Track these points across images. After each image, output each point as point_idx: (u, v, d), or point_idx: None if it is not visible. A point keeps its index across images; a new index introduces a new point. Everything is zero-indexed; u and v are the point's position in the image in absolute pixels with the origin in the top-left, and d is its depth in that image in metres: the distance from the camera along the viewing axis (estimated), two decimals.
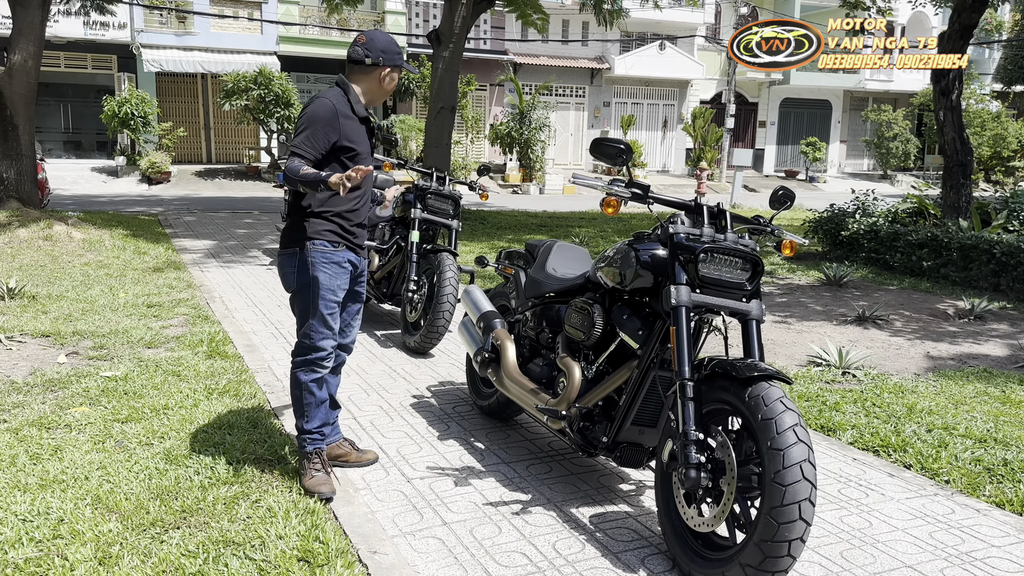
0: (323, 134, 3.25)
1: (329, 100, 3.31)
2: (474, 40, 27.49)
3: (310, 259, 3.32)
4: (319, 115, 3.26)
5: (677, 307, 2.85)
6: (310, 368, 3.39)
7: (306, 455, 3.43)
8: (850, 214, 10.50)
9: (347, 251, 3.40)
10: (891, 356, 6.06)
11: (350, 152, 3.34)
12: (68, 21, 23.02)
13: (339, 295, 3.40)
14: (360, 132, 3.40)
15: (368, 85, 3.43)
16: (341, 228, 3.38)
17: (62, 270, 8.29)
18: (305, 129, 3.26)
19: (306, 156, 3.22)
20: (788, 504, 2.41)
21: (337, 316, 3.42)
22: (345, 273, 3.40)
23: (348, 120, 3.33)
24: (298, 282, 3.36)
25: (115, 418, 4.12)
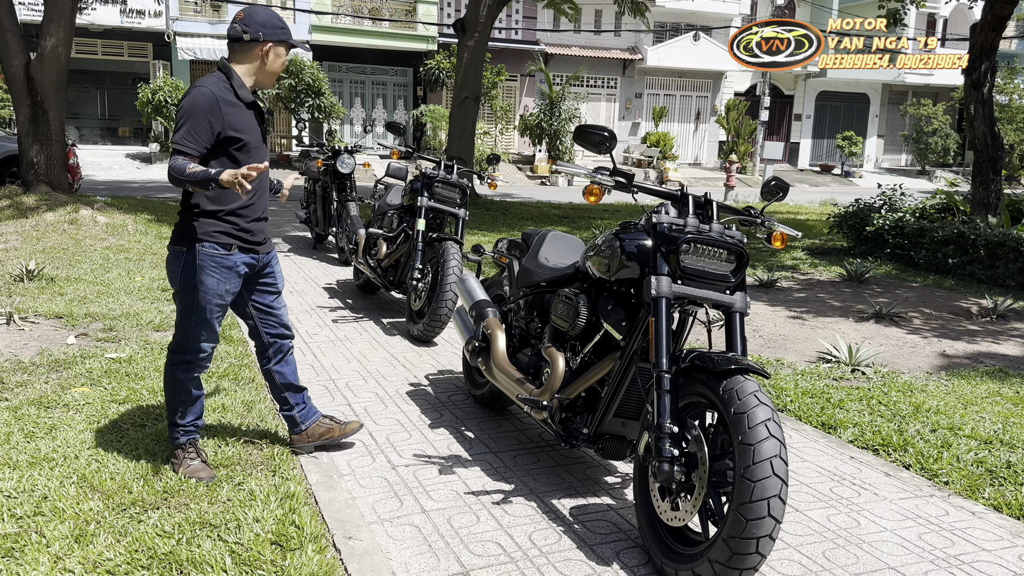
0: (204, 126, 3.02)
1: (207, 88, 3.06)
2: (505, 30, 27.46)
3: (198, 261, 3.15)
4: (197, 105, 3.02)
5: (657, 298, 2.80)
6: (188, 367, 3.30)
7: (180, 447, 3.36)
8: (876, 209, 10.30)
9: (241, 254, 3.22)
10: (905, 354, 5.93)
11: (237, 143, 3.12)
12: (105, 9, 23.38)
13: (227, 299, 3.25)
14: (247, 119, 3.17)
15: (251, 65, 3.19)
16: (235, 227, 3.19)
17: (83, 253, 8.42)
18: (184, 123, 3.01)
19: (189, 152, 3.00)
20: (757, 500, 2.36)
21: (221, 318, 3.29)
22: (235, 277, 3.23)
23: (232, 107, 3.10)
24: (182, 283, 3.19)
25: (113, 399, 4.17)
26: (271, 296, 3.45)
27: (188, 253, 3.16)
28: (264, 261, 3.38)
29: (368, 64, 26.94)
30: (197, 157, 3.03)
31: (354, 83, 27.14)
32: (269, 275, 3.43)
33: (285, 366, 3.55)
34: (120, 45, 24.71)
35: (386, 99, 27.49)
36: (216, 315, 3.24)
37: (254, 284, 3.40)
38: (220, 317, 3.28)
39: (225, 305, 3.27)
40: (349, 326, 6.02)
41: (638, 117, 30.51)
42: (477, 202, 14.37)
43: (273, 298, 3.46)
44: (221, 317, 3.29)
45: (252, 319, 3.47)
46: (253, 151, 3.19)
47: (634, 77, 30.17)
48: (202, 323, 3.23)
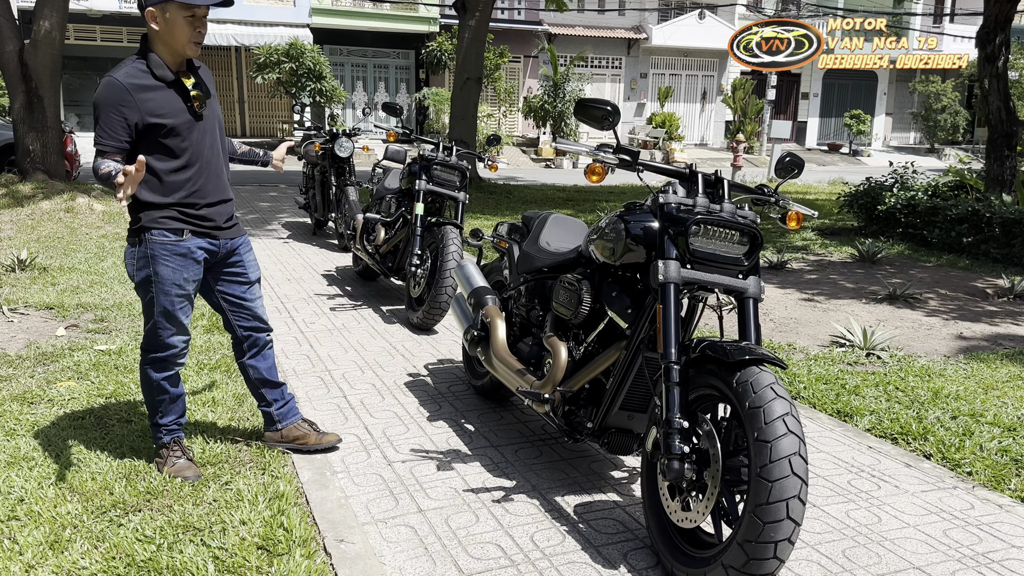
0: (117, 119, 2.80)
1: (115, 77, 2.81)
2: (508, 11, 27.10)
3: (149, 251, 2.94)
4: (106, 99, 2.80)
5: (665, 284, 2.62)
6: (161, 366, 3.12)
7: (164, 446, 3.21)
8: (887, 188, 10.06)
9: (195, 238, 3.00)
10: (921, 337, 5.74)
11: (162, 130, 2.87)
12: None
13: (188, 288, 3.03)
14: (170, 101, 2.89)
15: (156, 39, 2.87)
16: (183, 214, 2.97)
17: (78, 242, 8.27)
18: (97, 119, 2.82)
19: (107, 150, 2.80)
20: (774, 502, 2.19)
21: (188, 310, 3.08)
22: (193, 264, 3.01)
23: (149, 92, 2.84)
24: (138, 277, 3.01)
25: (99, 393, 4.02)
26: (241, 287, 3.23)
27: (140, 245, 2.97)
28: (227, 248, 3.14)
29: (369, 47, 26.63)
30: (119, 153, 2.82)
31: (355, 66, 26.86)
32: (237, 264, 3.20)
33: (261, 360, 3.36)
34: (119, 31, 24.46)
35: (388, 82, 27.20)
36: (179, 306, 3.04)
37: (220, 273, 3.19)
38: (185, 309, 3.07)
39: (187, 295, 3.05)
40: (347, 314, 5.85)
41: (643, 97, 30.16)
42: (479, 185, 14.16)
43: (244, 289, 3.24)
44: (187, 309, 3.08)
45: (223, 311, 3.27)
46: (184, 133, 2.93)
47: (639, 57, 29.79)
48: (165, 317, 3.03)
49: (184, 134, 2.93)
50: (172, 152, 2.92)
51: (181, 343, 3.12)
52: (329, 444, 3.45)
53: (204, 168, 3.02)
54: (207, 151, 3.03)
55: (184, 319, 3.08)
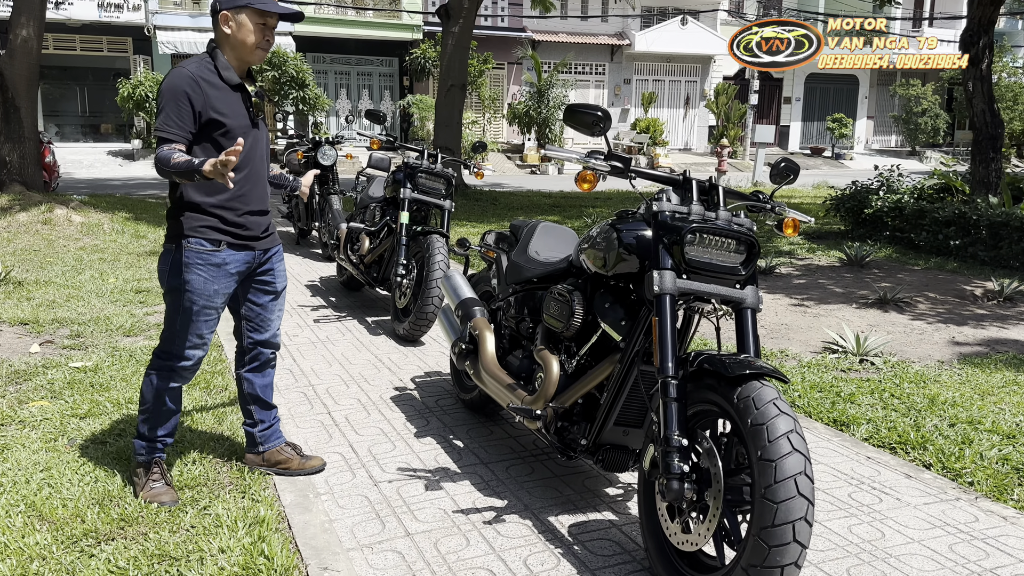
0: (185, 106, 2.77)
1: (186, 68, 2.82)
2: (491, 17, 27.05)
3: (184, 259, 2.89)
4: (175, 86, 2.78)
5: (660, 295, 2.52)
6: (170, 375, 3.01)
7: (143, 464, 3.06)
8: (874, 191, 10.04)
9: (231, 251, 2.94)
10: (913, 342, 5.67)
11: (220, 127, 2.85)
12: (83, 3, 22.94)
13: (217, 300, 2.96)
14: (233, 102, 2.90)
15: (225, 43, 2.89)
16: (223, 222, 2.92)
17: (56, 255, 8.09)
18: (163, 106, 2.78)
19: (173, 137, 2.77)
20: (780, 524, 2.09)
21: (212, 324, 3.00)
22: (226, 277, 2.96)
23: (214, 89, 2.84)
24: (169, 282, 2.94)
25: (74, 413, 3.87)
26: (266, 296, 3.16)
27: (176, 251, 2.92)
28: (262, 259, 3.10)
29: (353, 55, 26.51)
30: (183, 142, 2.80)
31: (339, 74, 26.72)
32: (268, 272, 3.14)
33: (259, 376, 3.25)
34: (99, 40, 24.21)
35: (372, 90, 27.07)
36: (204, 319, 2.95)
37: (250, 281, 3.12)
38: (210, 322, 2.98)
39: (215, 308, 2.97)
40: (331, 326, 5.72)
41: (627, 103, 30.16)
42: (465, 192, 14.05)
43: (268, 299, 3.17)
44: (211, 323, 2.99)
45: (238, 316, 3.18)
46: (240, 135, 2.89)
47: (622, 63, 29.81)
48: (188, 326, 2.95)
49: (239, 137, 2.86)
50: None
51: (196, 357, 3.02)
52: (312, 469, 3.31)
53: (252, 175, 3.00)
54: (256, 160, 3.03)
55: (206, 332, 3.00)
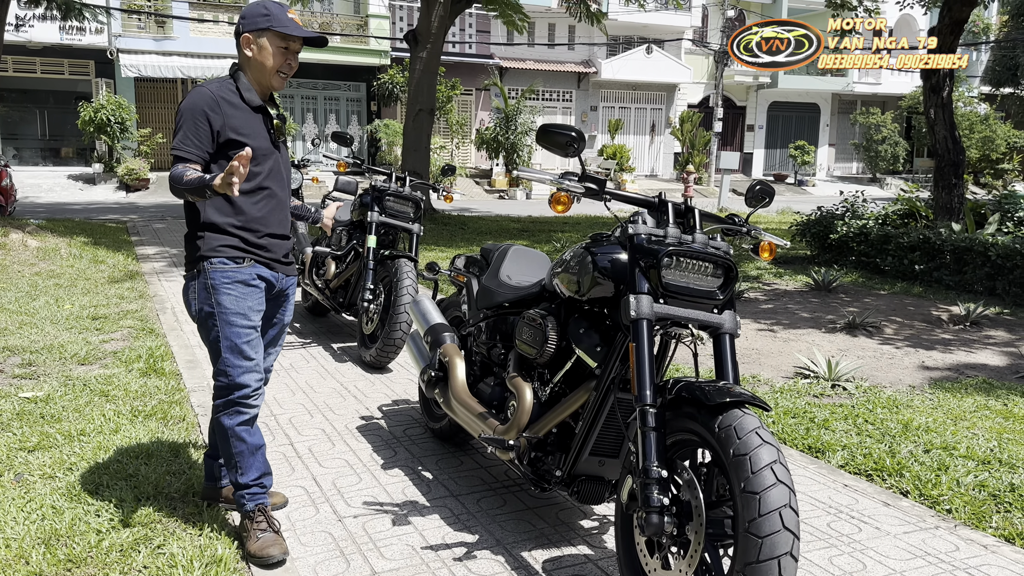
0: (203, 126, 2.71)
1: (206, 87, 2.78)
2: (459, 44, 27.16)
3: (210, 281, 2.77)
4: (195, 105, 2.73)
5: (637, 320, 2.44)
6: (235, 410, 2.83)
7: (247, 514, 2.85)
8: (839, 216, 10.13)
9: (256, 266, 2.84)
10: (883, 366, 5.66)
11: (240, 148, 2.67)
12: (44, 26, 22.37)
13: (253, 318, 2.83)
14: (253, 123, 2.82)
15: (246, 64, 2.84)
16: (244, 242, 2.82)
17: (9, 280, 7.83)
18: (181, 125, 2.72)
19: (189, 156, 2.69)
20: (765, 560, 2.00)
21: (257, 343, 2.85)
22: (256, 292, 2.84)
23: (235, 109, 2.78)
24: (199, 311, 2.82)
25: (22, 446, 3.68)
26: (270, 328, 3.05)
27: (200, 275, 2.80)
28: (280, 286, 2.98)
29: (320, 79, 26.39)
30: (199, 162, 2.71)
31: (306, 99, 26.57)
32: (281, 302, 3.04)
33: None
34: (60, 63, 23.83)
35: (339, 114, 26.96)
36: (246, 339, 2.81)
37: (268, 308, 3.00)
38: (253, 342, 2.83)
39: (254, 326, 2.83)
40: (295, 353, 5.57)
41: (594, 130, 30.38)
42: (433, 217, 13.96)
43: (273, 330, 3.06)
44: (255, 342, 2.84)
45: None
46: (260, 159, 2.82)
47: (589, 90, 30.08)
48: (233, 352, 2.79)
49: (260, 160, 2.83)
50: (247, 175, 2.72)
51: (254, 382, 2.84)
52: (276, 505, 3.12)
53: (272, 198, 2.89)
54: (276, 184, 2.92)
55: (253, 353, 2.83)
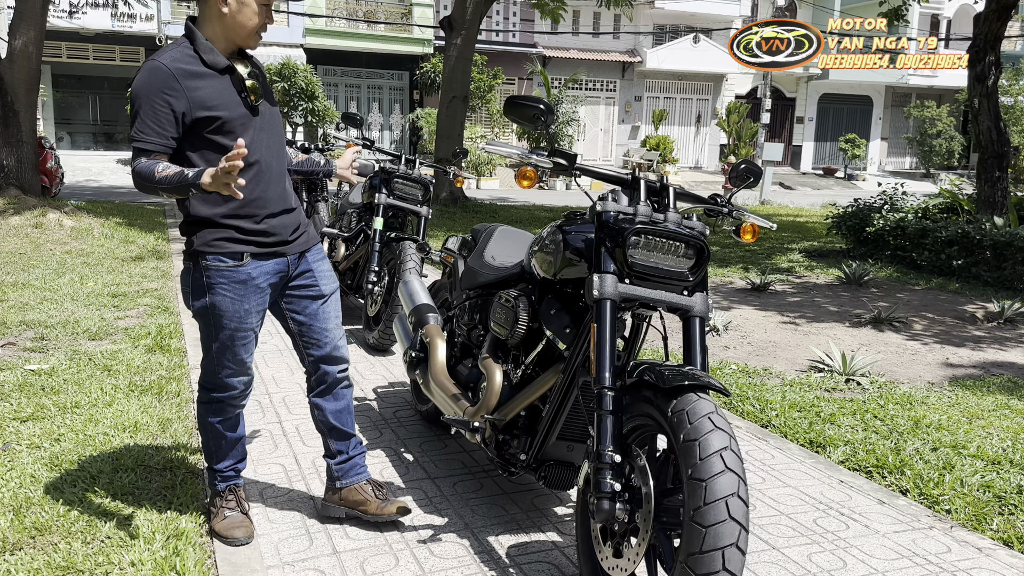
0: (163, 109, 2.38)
1: (160, 61, 2.41)
2: (503, 33, 27.08)
3: (205, 279, 2.54)
4: (148, 85, 2.38)
5: (600, 300, 2.35)
6: (217, 408, 2.72)
7: (218, 494, 2.80)
8: (876, 209, 9.83)
9: (256, 262, 2.56)
10: (905, 362, 5.46)
11: (213, 123, 2.45)
12: (96, 13, 23.02)
13: (250, 321, 2.60)
14: (222, 90, 2.47)
15: (214, 21, 2.48)
16: (240, 231, 2.53)
17: (41, 258, 8.00)
18: (137, 111, 2.40)
19: (151, 147, 2.39)
20: (708, 551, 1.91)
21: (250, 346, 2.65)
22: (256, 293, 2.58)
23: (198, 80, 2.43)
24: (194, 305, 2.60)
25: (16, 416, 3.73)
26: (312, 302, 2.73)
27: (195, 270, 2.56)
28: (297, 263, 2.70)
29: (363, 68, 26.56)
30: (164, 151, 2.41)
31: (349, 87, 26.75)
32: (306, 274, 2.73)
33: (330, 400, 2.82)
34: (112, 49, 24.36)
35: (382, 103, 27.10)
36: (240, 342, 2.61)
37: (287, 291, 2.73)
38: (247, 345, 2.64)
39: (250, 329, 2.62)
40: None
41: (637, 120, 30.07)
42: (466, 204, 13.93)
43: (315, 305, 2.74)
44: (249, 345, 2.65)
45: (292, 334, 2.79)
46: (239, 129, 2.49)
47: (633, 80, 29.74)
48: (223, 353, 2.61)
49: (238, 130, 2.49)
50: (225, 151, 2.45)
51: (241, 384, 2.70)
52: (389, 516, 2.83)
53: (263, 172, 2.57)
54: (265, 152, 2.58)
55: (245, 356, 2.65)
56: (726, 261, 9.51)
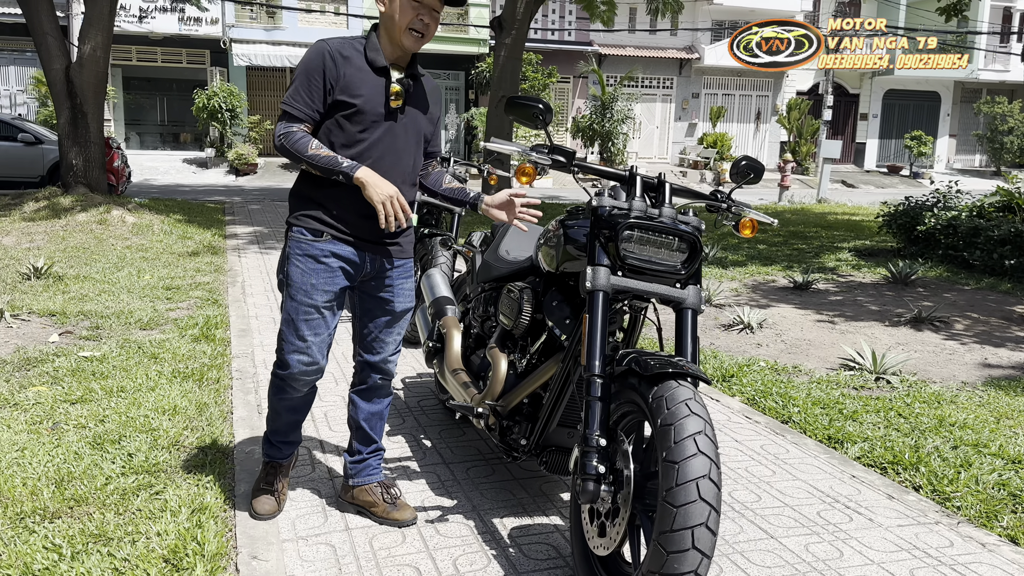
0: (317, 82, 2.56)
1: (327, 43, 2.60)
2: (558, 32, 27.13)
3: (288, 249, 2.68)
4: (310, 60, 2.57)
5: (593, 291, 2.45)
6: (279, 385, 2.79)
7: (264, 461, 2.98)
8: (928, 207, 9.62)
9: (333, 243, 2.64)
10: (941, 362, 5.39)
11: (349, 108, 2.57)
12: (164, 17, 23.95)
13: (315, 297, 2.65)
14: (373, 86, 2.60)
15: (381, 21, 2.64)
16: (329, 215, 2.63)
17: (102, 252, 8.41)
18: (295, 80, 2.60)
19: (298, 114, 2.57)
20: (678, 530, 1.99)
21: (316, 324, 2.68)
22: (324, 271, 2.65)
23: (355, 69, 2.58)
24: (279, 276, 2.74)
25: (66, 399, 4.00)
26: (381, 316, 2.81)
27: (285, 241, 2.73)
28: (376, 267, 2.75)
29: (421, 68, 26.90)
30: (308, 121, 2.58)
31: None
32: (387, 288, 2.78)
33: (366, 402, 2.94)
34: (179, 52, 25.19)
35: None
36: (303, 317, 2.66)
37: (367, 292, 2.81)
38: (312, 322, 2.67)
39: (314, 306, 2.66)
40: (342, 326, 5.76)
41: (695, 118, 29.80)
42: None
43: (383, 320, 2.82)
44: (314, 323, 2.68)
45: (354, 327, 2.90)
46: (369, 124, 2.60)
47: (691, 77, 29.48)
48: (288, 326, 2.69)
49: (368, 125, 2.61)
50: (349, 138, 2.61)
51: (299, 365, 2.71)
52: (395, 522, 2.88)
53: (378, 172, 2.61)
54: (385, 155, 2.66)
55: (308, 334, 2.68)
56: (771, 259, 9.44)
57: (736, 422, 4.13)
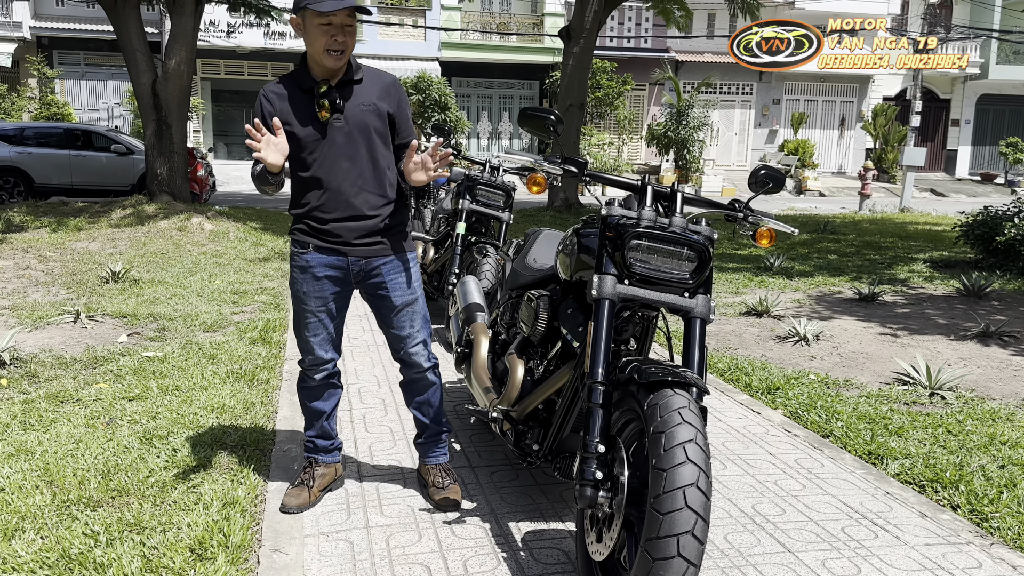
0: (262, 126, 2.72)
1: (264, 88, 2.87)
2: (634, 39, 27.02)
3: (290, 260, 3.02)
4: (254, 110, 2.86)
5: (599, 299, 2.48)
6: (301, 376, 3.12)
7: (304, 459, 3.22)
8: (1008, 217, 9.21)
9: (317, 254, 2.90)
10: (1004, 378, 5.17)
11: (290, 136, 2.80)
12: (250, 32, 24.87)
13: (309, 303, 2.94)
14: (304, 108, 2.81)
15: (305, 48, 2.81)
16: (310, 228, 2.90)
17: (179, 258, 8.81)
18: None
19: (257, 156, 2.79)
20: (664, 537, 2.00)
21: (315, 327, 2.97)
22: (315, 280, 2.92)
23: (287, 101, 2.82)
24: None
25: (125, 396, 4.23)
26: (387, 309, 3.02)
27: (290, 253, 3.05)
28: (363, 267, 2.95)
29: (495, 78, 27.22)
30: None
31: (481, 97, 27.49)
32: (380, 286, 2.99)
33: (409, 393, 3.19)
34: (264, 66, 26.10)
35: (512, 112, 27.64)
36: (305, 320, 2.97)
37: (366, 291, 3.05)
38: (312, 325, 2.98)
39: (310, 311, 2.96)
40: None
41: (775, 124, 29.20)
42: (578, 210, 14.08)
43: (388, 312, 3.02)
44: (313, 326, 2.98)
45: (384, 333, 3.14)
46: (310, 145, 2.82)
47: (771, 83, 28.90)
48: (298, 330, 3.03)
49: (309, 144, 2.83)
50: (301, 162, 2.87)
51: (308, 361, 3.05)
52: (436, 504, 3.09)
53: (332, 183, 2.85)
54: (331, 164, 2.85)
55: (309, 336, 2.99)
56: (840, 270, 9.19)
57: (774, 435, 4.06)
